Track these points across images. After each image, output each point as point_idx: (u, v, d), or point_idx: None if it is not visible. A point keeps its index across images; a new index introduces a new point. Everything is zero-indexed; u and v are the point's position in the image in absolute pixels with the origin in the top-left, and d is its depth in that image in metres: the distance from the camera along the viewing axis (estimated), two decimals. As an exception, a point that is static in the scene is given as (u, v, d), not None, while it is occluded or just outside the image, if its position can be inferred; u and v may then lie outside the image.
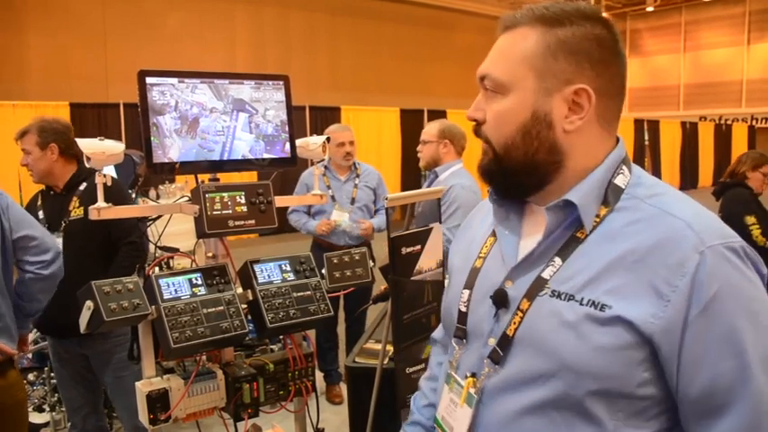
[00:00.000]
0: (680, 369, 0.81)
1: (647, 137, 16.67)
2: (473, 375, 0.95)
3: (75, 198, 2.56)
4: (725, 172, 4.24)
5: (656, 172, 16.72)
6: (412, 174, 11.52)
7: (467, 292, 1.01)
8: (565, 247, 0.90)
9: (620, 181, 0.91)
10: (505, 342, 0.91)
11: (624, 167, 0.92)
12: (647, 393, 0.83)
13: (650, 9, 21.38)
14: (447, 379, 1.02)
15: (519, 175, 0.92)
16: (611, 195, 0.90)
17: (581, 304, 0.84)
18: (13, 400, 1.87)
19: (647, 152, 16.69)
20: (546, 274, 0.89)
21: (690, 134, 17.91)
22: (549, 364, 0.86)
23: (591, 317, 0.83)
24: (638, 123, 16.58)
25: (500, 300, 0.93)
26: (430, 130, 3.26)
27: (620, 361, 0.82)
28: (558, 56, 0.88)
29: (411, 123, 11.61)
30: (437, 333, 1.28)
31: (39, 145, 2.53)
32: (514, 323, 0.90)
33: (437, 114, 11.31)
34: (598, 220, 0.89)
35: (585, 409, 0.84)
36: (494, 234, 1.02)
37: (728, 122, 19.80)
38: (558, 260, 0.89)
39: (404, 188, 10.82)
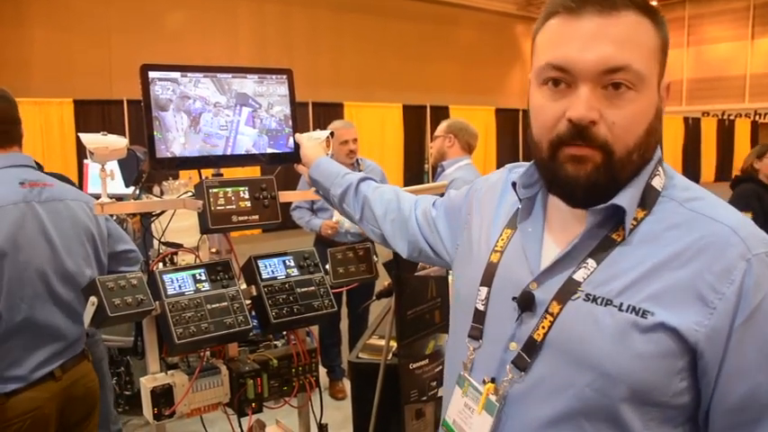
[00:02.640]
0: (719, 378, 0.79)
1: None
2: (492, 381, 0.90)
3: None
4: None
5: (659, 167, 16.65)
6: (414, 169, 11.52)
7: (485, 289, 0.95)
8: (599, 249, 0.85)
9: (656, 183, 0.87)
10: (532, 347, 0.86)
11: (660, 168, 0.89)
12: (681, 402, 0.81)
13: (653, 3, 21.30)
14: (460, 381, 0.96)
15: (625, 181, 0.84)
16: (648, 197, 0.86)
17: (620, 310, 0.80)
18: (84, 390, 1.93)
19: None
20: (578, 277, 0.85)
21: (692, 129, 17.85)
22: (584, 371, 0.81)
23: (632, 323, 0.79)
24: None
25: (526, 303, 0.88)
26: (441, 125, 3.45)
27: (660, 369, 0.79)
28: (665, 50, 0.85)
29: (414, 119, 11.60)
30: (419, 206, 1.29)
31: None
32: (543, 327, 0.85)
33: (440, 110, 11.30)
34: (635, 222, 0.85)
35: (618, 417, 0.81)
36: (510, 226, 0.97)
37: (731, 118, 19.73)
38: (591, 262, 0.85)
39: (406, 184, 10.81)
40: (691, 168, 17.87)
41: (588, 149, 0.81)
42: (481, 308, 0.95)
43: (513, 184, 0.97)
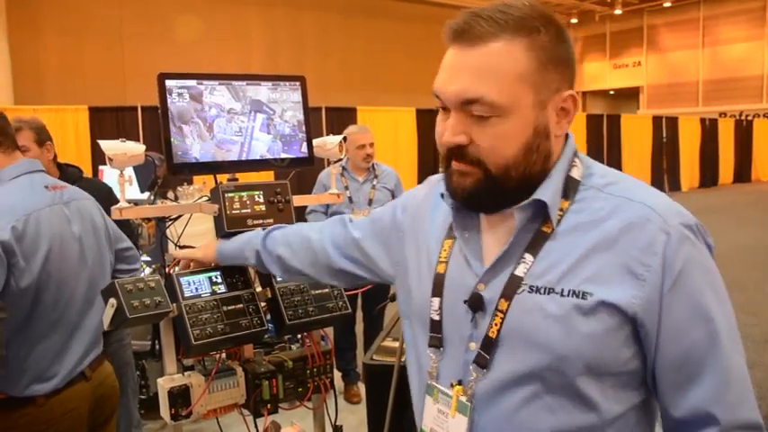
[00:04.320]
0: (659, 342, 0.87)
1: (664, 134, 16.46)
2: (459, 383, 0.94)
3: None
4: None
5: (675, 170, 16.51)
6: (428, 173, 11.46)
7: (436, 300, 0.99)
8: (533, 243, 0.91)
9: (575, 173, 0.94)
10: (489, 344, 0.91)
11: (576, 159, 0.95)
12: (631, 368, 0.89)
13: (668, 4, 21.15)
14: (429, 390, 1.00)
15: (514, 191, 0.90)
16: (569, 188, 0.93)
17: (562, 295, 0.87)
18: (110, 390, 1.98)
19: (664, 150, 16.48)
20: (519, 272, 0.91)
21: (709, 131, 17.65)
22: (540, 356, 0.87)
23: (575, 306, 0.86)
24: (657, 120, 16.39)
25: (476, 304, 0.93)
26: None
27: (608, 343, 0.86)
28: (548, 67, 0.88)
29: (427, 123, 11.59)
30: (353, 228, 1.24)
31: (37, 142, 2.57)
32: (495, 324, 0.90)
33: (453, 114, 11.28)
34: (561, 213, 0.91)
35: (578, 390, 0.87)
36: (449, 236, 1.01)
37: (749, 118, 19.51)
38: (528, 256, 0.91)
39: (420, 188, 10.79)
40: (709, 170, 17.67)
41: (467, 166, 0.90)
42: (436, 318, 0.99)
43: (442, 195, 1.01)
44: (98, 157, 7.87)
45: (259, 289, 1.62)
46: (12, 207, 1.67)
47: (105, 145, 1.49)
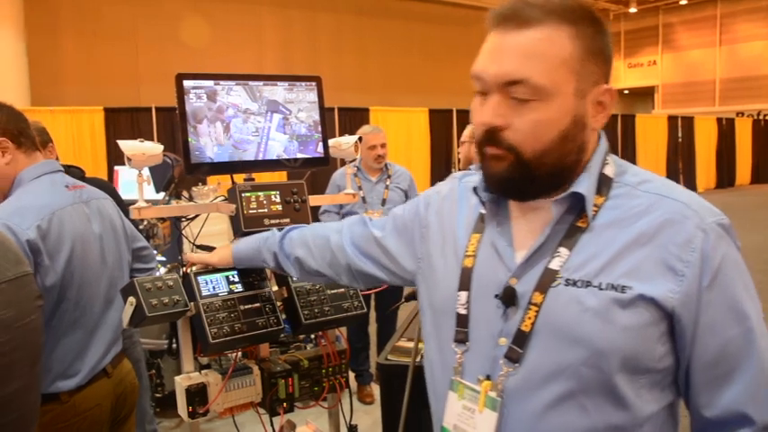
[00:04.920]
0: (695, 338, 0.87)
1: (680, 134, 16.30)
2: (487, 378, 0.93)
3: None
4: None
5: (691, 171, 16.34)
6: (442, 174, 11.50)
7: (464, 294, 0.98)
8: (568, 237, 0.92)
9: (608, 171, 0.95)
10: (522, 338, 0.90)
11: (608, 158, 0.96)
12: (665, 365, 0.89)
13: (684, 2, 20.95)
14: (453, 386, 0.98)
15: (547, 179, 0.91)
16: (603, 185, 0.94)
17: (600, 289, 0.87)
18: (130, 386, 1.99)
19: (679, 150, 16.32)
20: (554, 265, 0.90)
21: (726, 131, 17.45)
22: (576, 351, 0.87)
23: (613, 299, 0.86)
24: (672, 120, 16.24)
25: (509, 298, 0.92)
26: (466, 131, 3.48)
27: (645, 337, 0.86)
28: (589, 57, 0.89)
29: (440, 123, 11.59)
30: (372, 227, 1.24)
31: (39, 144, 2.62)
32: (529, 318, 0.90)
33: (466, 114, 11.20)
34: (596, 209, 0.92)
35: (614, 388, 0.87)
36: (477, 230, 1.02)
37: (767, 118, 19.27)
38: (563, 250, 0.91)
39: (433, 188, 10.78)
40: (725, 171, 17.47)
41: (501, 150, 0.90)
42: (463, 312, 0.98)
43: (475, 189, 1.01)
44: (113, 158, 7.95)
45: (275, 288, 1.63)
46: (36, 207, 1.70)
47: (124, 145, 1.51)
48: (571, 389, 0.87)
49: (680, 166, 16.11)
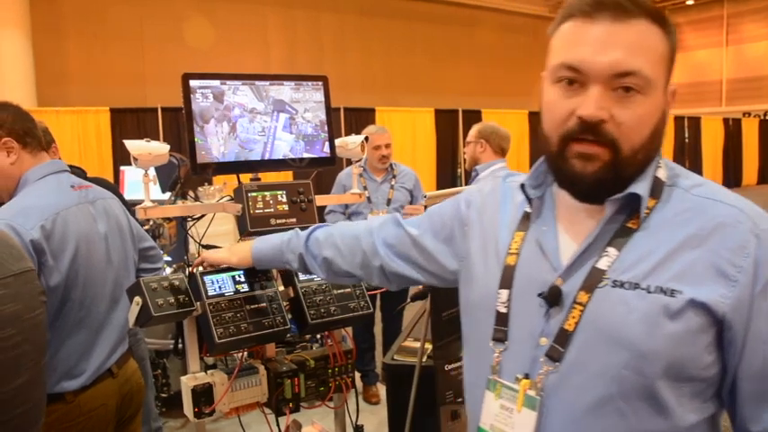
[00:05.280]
0: (744, 346, 0.85)
1: (686, 134, 16.22)
2: (526, 377, 0.92)
3: None
4: None
5: (697, 171, 16.09)
6: (447, 174, 11.49)
7: (505, 292, 0.97)
8: (617, 237, 0.90)
9: (661, 174, 0.93)
10: (564, 337, 0.89)
11: (660, 161, 0.95)
12: (709, 374, 0.87)
13: (690, 2, 20.87)
14: (490, 385, 0.97)
15: (630, 178, 0.89)
16: (656, 187, 0.92)
17: (649, 292, 0.85)
18: (136, 386, 1.99)
19: (686, 150, 16.25)
20: (602, 265, 0.89)
21: (733, 131, 17.36)
22: (620, 353, 0.85)
23: (662, 303, 0.84)
24: (679, 120, 16.16)
25: (554, 297, 0.91)
26: (472, 131, 3.46)
27: (692, 343, 0.84)
28: (672, 56, 0.90)
29: (446, 124, 11.57)
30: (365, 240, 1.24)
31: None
32: (573, 317, 0.88)
33: (472, 114, 11.26)
34: (647, 211, 0.90)
35: (655, 395, 0.85)
36: (520, 228, 1.00)
37: (774, 118, 19.17)
38: (612, 250, 0.89)
39: (439, 188, 10.78)
40: (732, 171, 17.38)
41: (597, 147, 0.86)
42: (503, 310, 0.97)
43: (522, 187, 1.00)
44: (119, 158, 7.97)
45: (281, 288, 1.62)
46: (40, 207, 1.70)
47: (131, 145, 1.51)
48: (612, 391, 0.86)
49: (686, 166, 15.96)
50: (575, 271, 0.91)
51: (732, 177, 17.41)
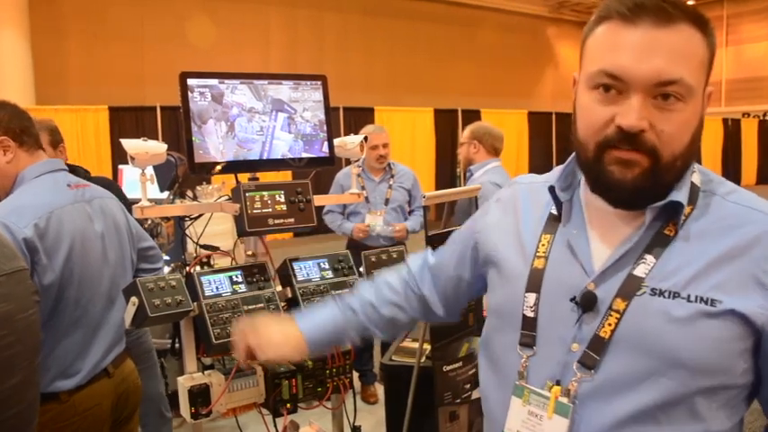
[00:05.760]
0: None
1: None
2: (557, 384, 0.90)
3: None
4: None
5: (697, 170, 16.26)
6: (446, 174, 11.49)
7: (532, 295, 0.94)
8: (655, 245, 0.88)
9: (695, 179, 0.92)
10: (599, 345, 0.87)
11: (695, 165, 0.92)
12: (743, 382, 0.87)
13: (690, 2, 20.82)
14: (517, 391, 0.95)
15: (668, 185, 0.87)
16: (692, 194, 0.90)
17: (689, 301, 0.84)
18: (132, 386, 1.98)
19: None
20: (639, 272, 0.87)
21: (732, 131, 17.38)
22: (659, 363, 0.84)
23: (703, 313, 0.83)
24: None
25: (588, 303, 0.89)
26: (465, 132, 3.47)
27: (730, 353, 0.84)
28: (711, 61, 0.88)
29: (445, 123, 11.57)
30: (406, 273, 1.26)
31: (51, 144, 2.61)
32: (609, 324, 0.86)
33: (471, 114, 11.25)
34: (684, 218, 0.89)
35: (691, 402, 0.85)
36: (547, 231, 0.98)
37: (773, 119, 19.17)
38: (649, 258, 0.87)
39: (438, 188, 10.78)
40: (731, 171, 17.39)
41: (636, 154, 0.84)
42: (530, 314, 0.95)
43: (551, 189, 0.98)
44: (118, 157, 7.95)
45: (279, 288, 1.62)
46: (34, 205, 1.69)
47: (127, 144, 1.50)
48: (650, 403, 0.85)
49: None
50: (609, 277, 0.89)
51: (731, 177, 16.98)
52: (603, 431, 0.87)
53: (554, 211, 0.99)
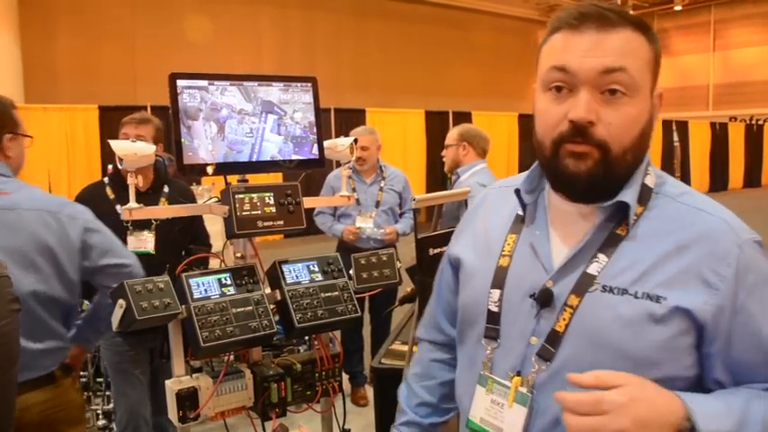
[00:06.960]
0: (732, 342, 0.89)
1: (675, 138, 16.36)
2: (518, 374, 0.96)
3: (163, 199, 2.72)
4: None
5: (685, 174, 16.39)
6: (437, 176, 11.50)
7: (497, 291, 1.01)
8: (607, 244, 0.94)
9: (649, 181, 0.97)
10: (555, 338, 0.93)
11: (649, 168, 0.98)
12: (688, 375, 0.91)
13: (678, 8, 21.02)
14: (481, 380, 1.01)
15: (620, 180, 0.93)
16: (644, 195, 0.95)
17: (636, 297, 0.89)
18: (39, 418, 1.75)
19: (676, 153, 16.39)
20: (592, 270, 0.93)
21: (719, 135, 17.55)
22: (607, 355, 0.89)
23: (648, 308, 0.88)
24: (667, 124, 16.29)
25: (545, 299, 0.95)
26: (451, 134, 3.49)
27: (675, 347, 0.89)
28: (657, 62, 0.94)
29: (436, 125, 11.59)
30: (424, 332, 1.30)
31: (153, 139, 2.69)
32: (564, 319, 0.92)
33: (462, 116, 11.28)
34: (635, 217, 0.94)
35: None
36: (513, 231, 1.04)
37: (759, 123, 19.36)
38: (602, 257, 0.93)
39: (429, 190, 10.79)
40: (718, 175, 17.56)
41: (587, 146, 0.90)
42: (495, 309, 1.01)
43: (517, 192, 1.03)
44: (107, 157, 7.90)
45: (268, 291, 1.61)
46: None
47: (116, 145, 1.48)
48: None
49: (674, 169, 16.16)
50: (566, 274, 0.95)
51: (719, 181, 17.57)
52: (559, 418, 0.89)
53: (520, 212, 1.05)
